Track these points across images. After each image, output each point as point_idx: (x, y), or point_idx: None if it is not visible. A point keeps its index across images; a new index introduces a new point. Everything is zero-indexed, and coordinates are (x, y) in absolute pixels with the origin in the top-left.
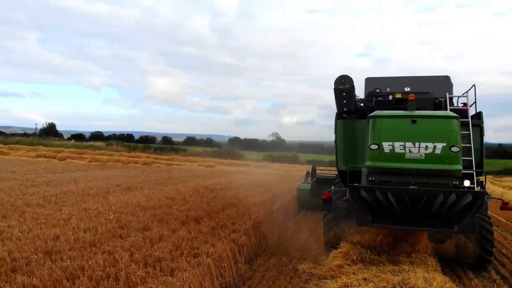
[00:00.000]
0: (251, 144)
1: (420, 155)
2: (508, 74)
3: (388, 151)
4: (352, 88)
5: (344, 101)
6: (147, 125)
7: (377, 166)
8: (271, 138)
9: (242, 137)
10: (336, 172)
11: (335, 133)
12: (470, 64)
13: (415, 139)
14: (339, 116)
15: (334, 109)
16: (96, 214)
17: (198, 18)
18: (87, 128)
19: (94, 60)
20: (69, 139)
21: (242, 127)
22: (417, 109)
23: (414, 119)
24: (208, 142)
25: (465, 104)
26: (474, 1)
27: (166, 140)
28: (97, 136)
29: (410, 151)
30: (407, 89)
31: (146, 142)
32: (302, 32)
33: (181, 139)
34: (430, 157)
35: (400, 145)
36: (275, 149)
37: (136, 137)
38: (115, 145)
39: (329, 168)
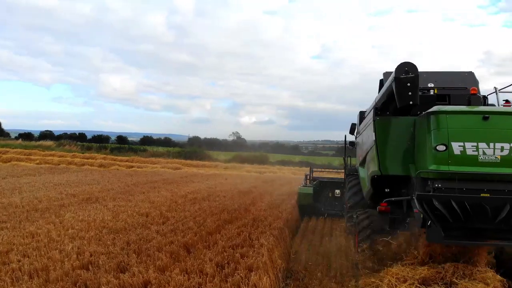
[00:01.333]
0: (212, 144)
1: (496, 157)
2: None
3: (459, 153)
4: (417, 77)
5: (409, 93)
6: (100, 124)
7: (445, 171)
8: (231, 138)
9: (201, 136)
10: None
11: (375, 131)
12: (420, 67)
13: (489, 139)
14: (376, 111)
15: (293, 110)
16: (47, 242)
17: (155, 15)
18: (36, 127)
19: (44, 56)
20: (16, 138)
21: (200, 126)
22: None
23: (486, 116)
24: (166, 142)
25: (507, 101)
26: (424, 7)
27: (121, 139)
28: (46, 135)
29: (484, 153)
30: (430, 84)
31: (99, 141)
32: (259, 33)
33: (136, 139)
34: (507, 160)
35: (473, 146)
36: (237, 149)
37: (89, 136)
38: (67, 145)
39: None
